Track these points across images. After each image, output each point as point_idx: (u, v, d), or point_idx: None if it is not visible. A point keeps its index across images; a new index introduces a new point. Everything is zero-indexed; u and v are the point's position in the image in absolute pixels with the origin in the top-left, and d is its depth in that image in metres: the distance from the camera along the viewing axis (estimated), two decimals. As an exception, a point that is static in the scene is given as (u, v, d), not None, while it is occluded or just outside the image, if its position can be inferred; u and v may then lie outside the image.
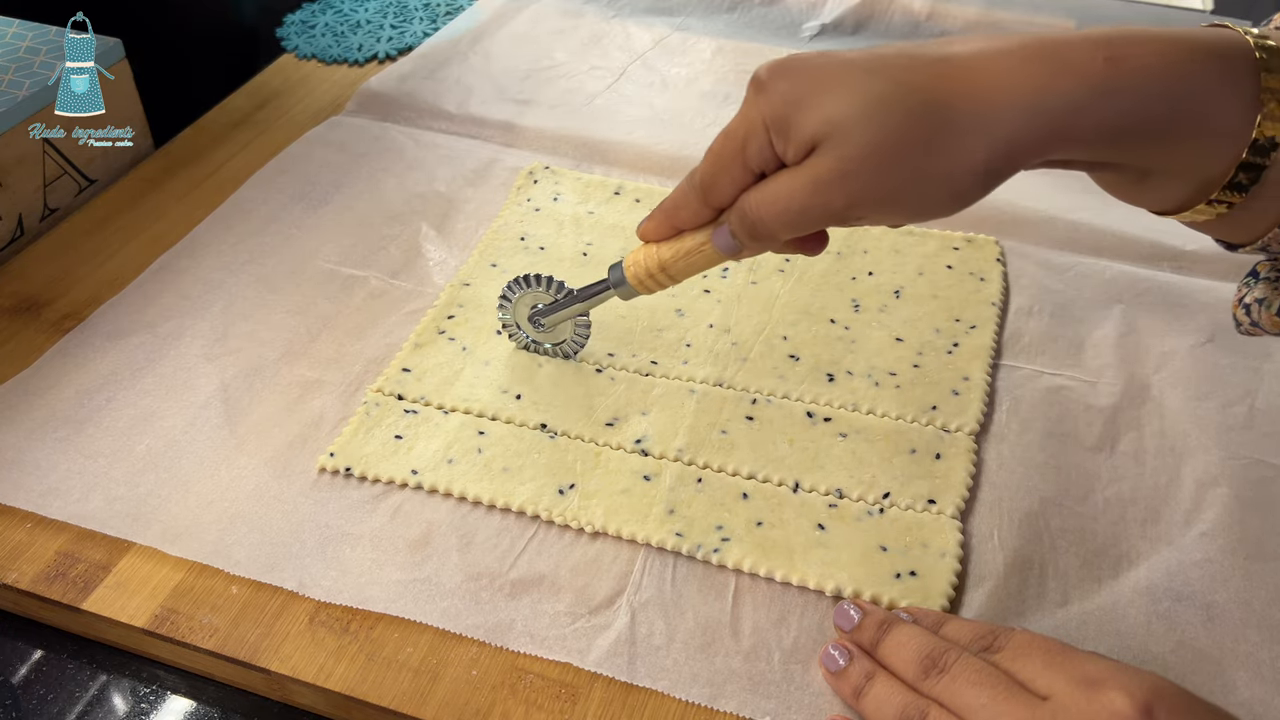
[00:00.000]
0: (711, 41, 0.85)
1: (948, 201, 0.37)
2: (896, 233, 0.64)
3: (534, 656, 0.43)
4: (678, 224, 0.44)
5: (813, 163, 0.37)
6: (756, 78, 0.39)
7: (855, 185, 0.37)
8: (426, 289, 0.61)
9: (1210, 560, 0.46)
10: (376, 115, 0.76)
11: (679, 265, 0.45)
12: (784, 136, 0.38)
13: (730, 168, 0.40)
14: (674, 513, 0.48)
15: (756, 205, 0.40)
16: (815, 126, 0.36)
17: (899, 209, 0.38)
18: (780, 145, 0.38)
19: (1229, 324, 0.57)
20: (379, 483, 0.50)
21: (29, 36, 0.70)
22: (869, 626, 0.42)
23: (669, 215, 0.44)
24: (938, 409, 0.53)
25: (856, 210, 0.38)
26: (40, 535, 0.48)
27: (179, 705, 0.45)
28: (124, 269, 0.63)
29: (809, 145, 0.37)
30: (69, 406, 0.53)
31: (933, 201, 0.37)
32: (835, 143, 0.36)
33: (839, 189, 0.37)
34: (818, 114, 0.36)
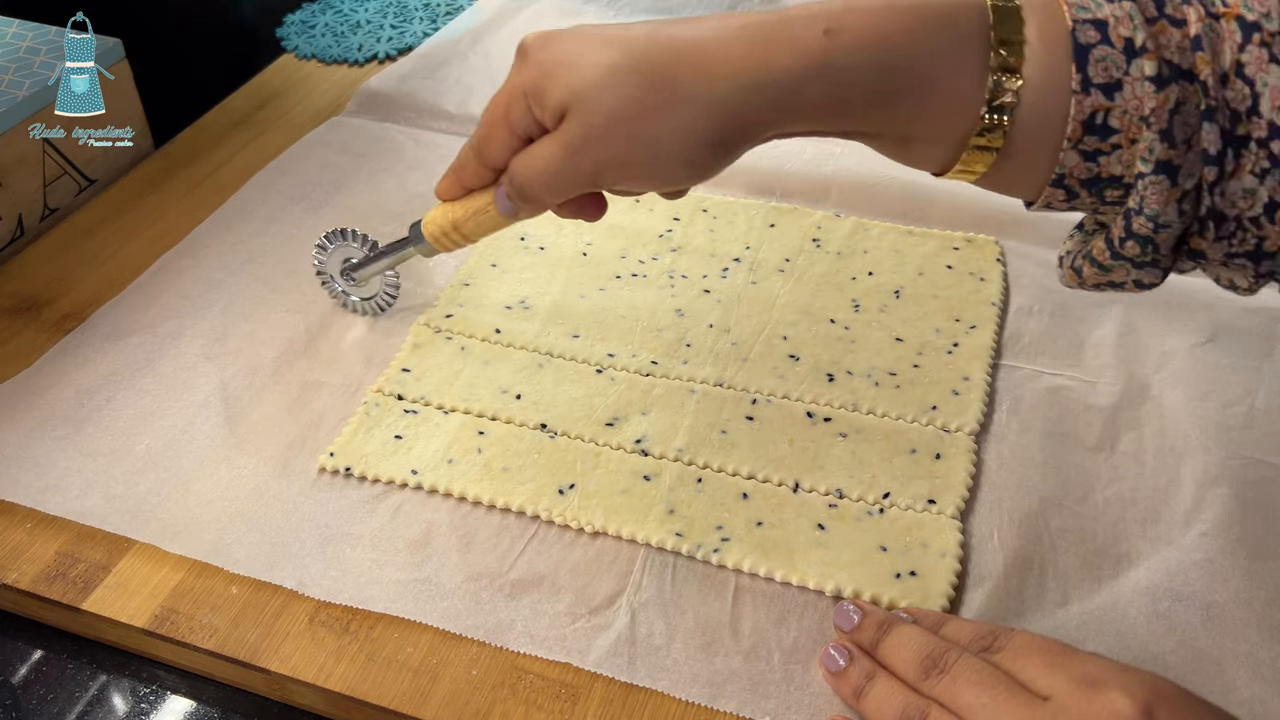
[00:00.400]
0: (711, 41, 0.85)
1: (684, 168, 0.39)
2: (897, 233, 0.64)
3: (534, 656, 0.43)
4: (465, 183, 0.46)
5: (564, 129, 0.39)
6: (521, 46, 0.41)
7: (598, 150, 0.39)
8: (426, 289, 0.61)
9: (1210, 560, 0.46)
10: (376, 115, 0.76)
11: (470, 225, 0.47)
12: (540, 104, 0.40)
13: (498, 132, 0.42)
14: (674, 513, 0.48)
15: (522, 169, 0.42)
16: (563, 95, 0.39)
17: (640, 173, 0.40)
18: (538, 112, 0.40)
19: (1229, 324, 0.57)
20: (379, 483, 0.50)
21: (29, 36, 0.70)
22: (869, 627, 0.42)
23: (457, 175, 0.46)
24: (938, 409, 0.53)
25: (604, 174, 0.40)
26: (40, 535, 0.48)
27: (179, 705, 0.45)
28: (124, 269, 0.63)
29: (560, 112, 0.39)
30: (69, 406, 0.53)
31: (670, 168, 0.39)
32: (579, 110, 0.38)
33: (585, 153, 0.39)
34: (565, 83, 0.38)
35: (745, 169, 0.69)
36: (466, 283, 0.61)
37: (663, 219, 0.66)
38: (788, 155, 0.71)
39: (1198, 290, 0.60)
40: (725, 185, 0.69)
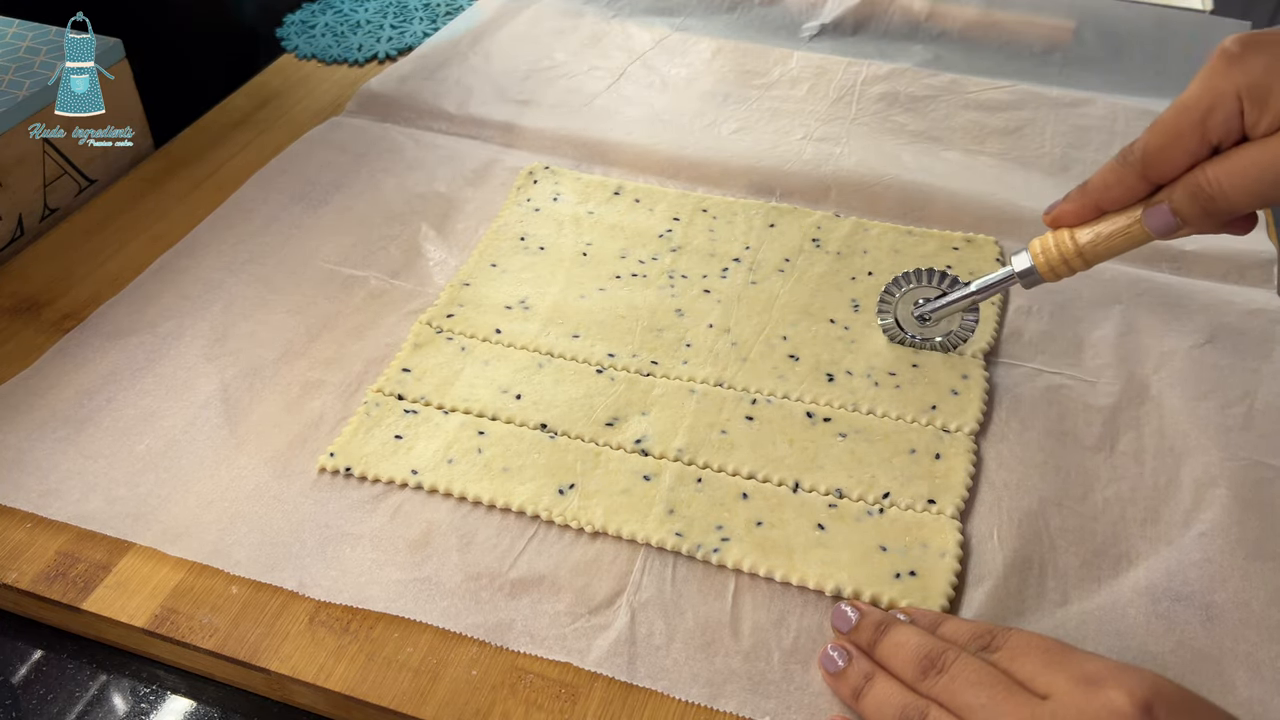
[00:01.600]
0: (711, 42, 0.85)
1: None
2: (897, 233, 0.64)
3: (534, 656, 0.43)
4: (1104, 205, 0.44)
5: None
6: (1227, 50, 0.39)
7: None
8: (426, 289, 0.61)
9: (1209, 560, 0.46)
10: (376, 116, 0.77)
11: (1099, 249, 0.45)
12: (1261, 106, 0.38)
13: (1186, 140, 0.40)
14: (674, 513, 0.48)
15: (1218, 178, 0.40)
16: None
17: None
18: (1253, 115, 0.38)
19: (1228, 325, 0.58)
20: (379, 483, 0.50)
21: (29, 36, 0.70)
22: (866, 627, 0.42)
23: (1093, 196, 0.44)
24: (937, 409, 0.53)
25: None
26: (40, 535, 0.48)
27: (179, 705, 0.45)
28: (124, 269, 0.63)
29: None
30: (69, 406, 0.53)
31: None
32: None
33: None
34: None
35: (745, 169, 0.70)
36: (467, 283, 0.61)
37: (663, 219, 0.66)
38: (788, 155, 0.71)
39: (1197, 291, 0.60)
40: (725, 185, 0.69)
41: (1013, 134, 0.73)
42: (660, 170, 0.70)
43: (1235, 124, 0.39)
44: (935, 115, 0.76)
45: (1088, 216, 0.45)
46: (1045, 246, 0.47)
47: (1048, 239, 0.47)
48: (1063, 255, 0.46)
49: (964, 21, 0.87)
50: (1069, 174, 0.70)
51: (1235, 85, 0.39)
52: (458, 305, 0.59)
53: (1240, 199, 0.40)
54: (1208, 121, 0.40)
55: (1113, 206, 0.44)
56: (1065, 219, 0.46)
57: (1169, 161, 0.41)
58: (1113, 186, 0.44)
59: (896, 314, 0.55)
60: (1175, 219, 0.42)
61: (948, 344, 0.55)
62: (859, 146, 0.72)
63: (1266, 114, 0.38)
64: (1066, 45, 0.85)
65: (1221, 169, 0.40)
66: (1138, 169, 0.42)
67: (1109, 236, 0.44)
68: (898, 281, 0.54)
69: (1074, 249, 0.46)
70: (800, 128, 0.74)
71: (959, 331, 0.55)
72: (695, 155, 0.71)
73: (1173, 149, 0.41)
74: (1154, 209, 0.43)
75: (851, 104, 0.77)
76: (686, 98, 0.78)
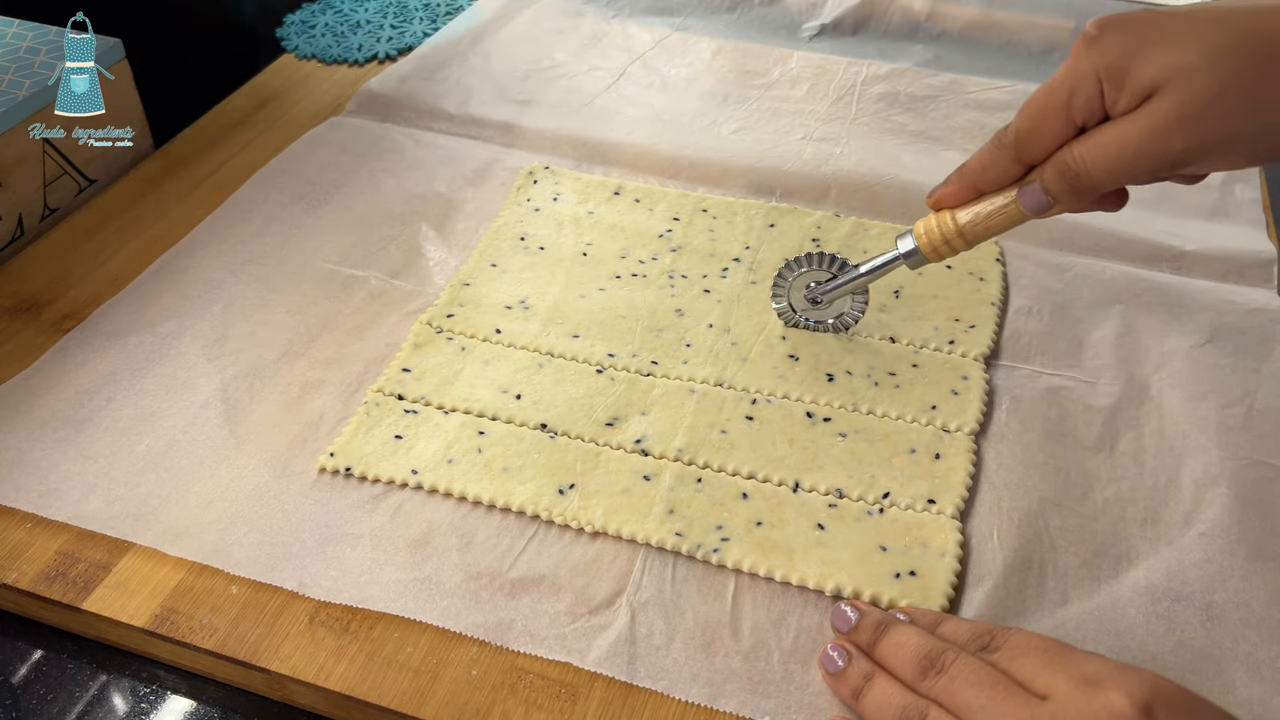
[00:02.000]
0: (711, 42, 0.85)
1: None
2: (896, 233, 0.64)
3: (534, 656, 0.43)
4: (981, 186, 0.46)
5: (1150, 108, 0.38)
6: (1086, 33, 0.40)
7: (1196, 129, 0.38)
8: (426, 289, 0.61)
9: (1209, 560, 0.46)
10: (376, 116, 0.77)
11: (977, 229, 0.46)
12: (1119, 85, 0.39)
13: (1052, 121, 0.41)
14: (674, 513, 0.48)
15: (1082, 156, 0.41)
16: (1155, 73, 0.38)
17: (1236, 151, 0.39)
18: (1112, 95, 0.39)
19: (1228, 325, 0.58)
20: (379, 483, 0.50)
21: (29, 36, 0.70)
22: (866, 627, 0.42)
23: (971, 177, 0.46)
24: (937, 409, 0.53)
25: (1193, 154, 0.39)
26: (40, 535, 0.48)
27: (179, 705, 0.45)
28: (124, 269, 0.63)
29: (1145, 93, 0.38)
30: (69, 406, 0.53)
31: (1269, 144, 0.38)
32: (1176, 88, 0.37)
33: (1179, 133, 0.38)
34: (1156, 61, 0.38)
35: (745, 169, 0.70)
36: (467, 283, 0.61)
37: (663, 219, 0.66)
38: (788, 155, 0.71)
39: (1197, 291, 0.60)
40: (725, 185, 0.69)
41: (1013, 134, 0.73)
42: (660, 170, 0.70)
43: (1097, 104, 0.40)
44: (935, 115, 0.76)
45: (967, 198, 0.47)
46: (928, 228, 0.48)
47: (930, 220, 0.48)
48: (944, 235, 0.47)
49: (964, 21, 0.87)
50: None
51: (1095, 67, 0.40)
52: (458, 305, 0.59)
53: (1102, 176, 0.41)
54: (1071, 103, 0.41)
55: (990, 187, 0.46)
56: (946, 201, 0.47)
57: (1039, 142, 0.42)
58: (989, 168, 0.45)
59: (790, 298, 0.56)
60: (1047, 197, 0.44)
61: (839, 325, 0.57)
62: (859, 146, 0.72)
63: (1124, 94, 0.39)
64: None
65: (1084, 148, 0.41)
66: (1011, 151, 0.44)
67: (987, 216, 0.46)
68: (790, 265, 0.55)
69: (954, 229, 0.47)
70: (800, 128, 0.74)
71: (850, 313, 0.56)
72: (695, 155, 0.71)
73: (1041, 130, 0.42)
74: (1027, 188, 0.44)
75: (851, 104, 0.77)
76: (686, 98, 0.78)
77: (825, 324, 0.57)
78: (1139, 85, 0.39)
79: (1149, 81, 0.38)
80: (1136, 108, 0.39)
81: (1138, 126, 0.39)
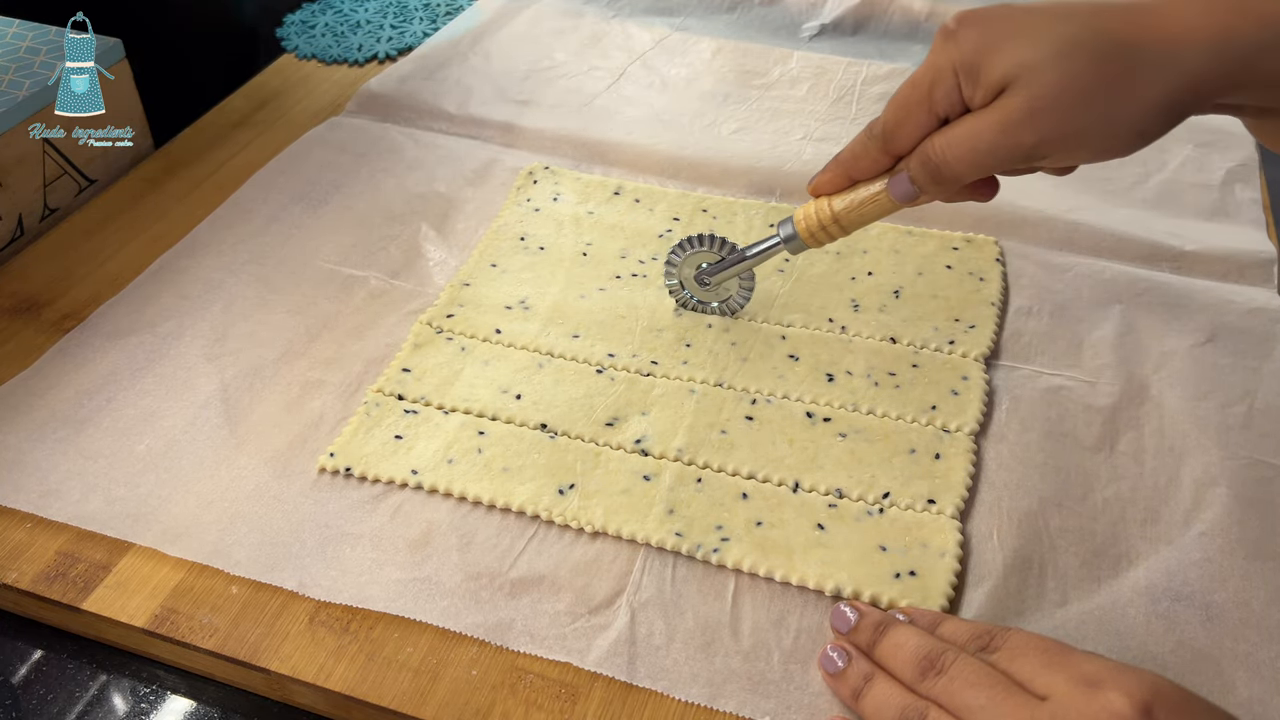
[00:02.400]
0: (711, 42, 0.85)
1: (1132, 139, 0.39)
2: (896, 233, 0.64)
3: (534, 656, 0.43)
4: (854, 174, 0.47)
5: (1002, 103, 0.39)
6: (945, 27, 0.41)
7: (1044, 123, 0.39)
8: (426, 289, 0.61)
9: (1209, 560, 0.46)
10: (376, 116, 0.77)
11: (852, 216, 0.48)
12: (974, 80, 0.40)
13: (915, 113, 0.42)
14: (674, 513, 0.48)
15: (942, 148, 0.42)
16: (1006, 68, 0.39)
17: (1084, 146, 0.40)
18: (969, 89, 0.40)
19: (1228, 324, 0.57)
20: (379, 483, 0.50)
21: (29, 36, 0.70)
22: (866, 628, 0.42)
23: (845, 167, 0.47)
24: (937, 409, 0.53)
25: (1044, 148, 0.40)
26: (40, 535, 0.48)
27: (179, 705, 0.45)
28: (124, 269, 0.63)
29: (998, 87, 0.39)
30: (69, 406, 0.53)
31: (1117, 139, 0.39)
32: (1025, 83, 0.38)
33: (1029, 127, 0.39)
34: (1009, 57, 0.38)
35: (745, 169, 0.70)
36: (467, 283, 0.61)
37: (663, 219, 0.66)
38: (787, 155, 0.71)
39: (1197, 291, 0.60)
40: (725, 185, 0.69)
41: (1013, 134, 0.73)
42: (660, 170, 0.70)
43: (955, 97, 0.41)
44: (935, 115, 0.76)
45: (842, 185, 0.48)
46: (806, 214, 0.49)
47: (809, 207, 0.49)
48: (821, 222, 0.49)
49: (964, 21, 0.86)
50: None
51: (952, 61, 0.40)
52: (458, 305, 0.59)
53: (960, 168, 0.42)
54: (932, 96, 0.42)
55: (862, 176, 0.47)
56: (823, 188, 0.48)
57: (904, 134, 0.44)
58: (860, 158, 0.46)
59: (681, 278, 0.57)
60: (914, 187, 0.45)
61: (726, 308, 0.58)
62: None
63: (979, 88, 0.40)
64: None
65: (944, 139, 0.42)
66: (879, 142, 0.45)
67: (861, 204, 0.47)
68: (681, 246, 0.56)
69: (830, 216, 0.48)
70: (800, 128, 0.74)
71: (736, 296, 0.58)
72: (695, 155, 0.71)
73: (906, 123, 0.43)
74: (896, 178, 0.45)
75: (851, 104, 0.77)
76: (686, 98, 0.78)
77: (711, 306, 0.58)
78: (992, 80, 0.39)
79: (1001, 76, 0.39)
80: (991, 102, 0.40)
81: (991, 120, 0.40)
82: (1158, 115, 0.38)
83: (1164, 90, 0.38)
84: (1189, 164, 0.70)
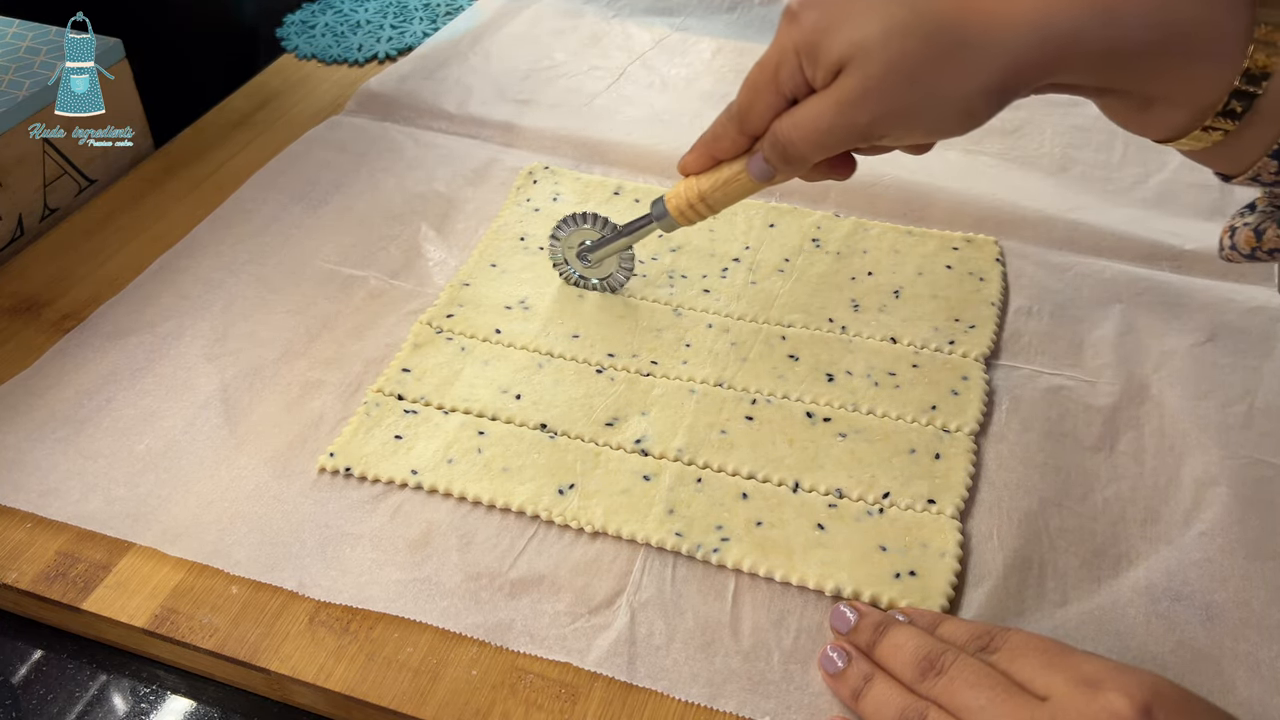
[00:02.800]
0: (711, 42, 0.85)
1: (961, 118, 0.40)
2: (896, 233, 0.64)
3: (534, 656, 0.43)
4: (716, 154, 0.47)
5: (840, 83, 0.40)
6: (788, 9, 0.42)
7: (876, 103, 0.40)
8: (426, 289, 0.61)
9: (1209, 560, 0.46)
10: (376, 115, 0.77)
11: (717, 195, 0.48)
12: (813, 61, 0.40)
13: (764, 95, 0.43)
14: (674, 513, 0.48)
15: (787, 128, 0.43)
16: (841, 50, 0.39)
17: (916, 125, 0.41)
18: (810, 70, 0.41)
19: (1228, 323, 0.57)
20: (379, 483, 0.50)
21: (29, 36, 0.70)
22: (865, 628, 0.42)
23: (708, 147, 0.47)
24: (937, 409, 0.53)
25: (879, 128, 0.40)
26: (40, 535, 0.48)
27: (179, 705, 0.45)
28: (124, 269, 0.63)
29: (836, 68, 0.40)
30: (69, 406, 0.54)
31: (946, 118, 0.40)
32: (858, 64, 0.39)
33: (862, 107, 0.40)
34: (843, 38, 0.39)
35: (745, 169, 0.69)
36: (466, 283, 0.61)
37: (662, 219, 0.66)
38: (787, 155, 0.71)
39: (1197, 290, 0.60)
40: (725, 185, 0.69)
41: (1012, 134, 0.73)
42: (660, 170, 0.70)
43: (800, 78, 0.42)
44: (935, 115, 0.76)
45: (707, 165, 0.49)
46: (676, 193, 0.50)
47: (679, 186, 0.50)
48: (689, 200, 0.50)
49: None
50: (1069, 174, 0.70)
51: (794, 42, 0.41)
52: (457, 305, 0.59)
53: (805, 148, 0.43)
54: (778, 77, 0.42)
55: (724, 156, 0.48)
56: (689, 168, 0.49)
57: (756, 115, 0.44)
58: (720, 139, 0.47)
59: (565, 255, 0.59)
60: (768, 166, 0.45)
61: (607, 285, 0.60)
62: (859, 146, 0.72)
63: (819, 69, 0.41)
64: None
65: (789, 120, 0.43)
66: (736, 123, 0.46)
67: (725, 183, 0.48)
68: (564, 223, 0.58)
69: (698, 194, 0.49)
70: (800, 127, 0.74)
71: (618, 274, 0.59)
72: (695, 155, 0.71)
73: (757, 104, 0.44)
74: (753, 158, 0.46)
75: (851, 104, 0.77)
76: (686, 98, 0.78)
77: (593, 282, 0.60)
78: (830, 61, 0.40)
79: (838, 57, 0.40)
80: (831, 82, 0.41)
81: (830, 101, 0.41)
82: (984, 96, 0.39)
83: (989, 71, 0.38)
84: (1189, 164, 0.70)
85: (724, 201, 0.49)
